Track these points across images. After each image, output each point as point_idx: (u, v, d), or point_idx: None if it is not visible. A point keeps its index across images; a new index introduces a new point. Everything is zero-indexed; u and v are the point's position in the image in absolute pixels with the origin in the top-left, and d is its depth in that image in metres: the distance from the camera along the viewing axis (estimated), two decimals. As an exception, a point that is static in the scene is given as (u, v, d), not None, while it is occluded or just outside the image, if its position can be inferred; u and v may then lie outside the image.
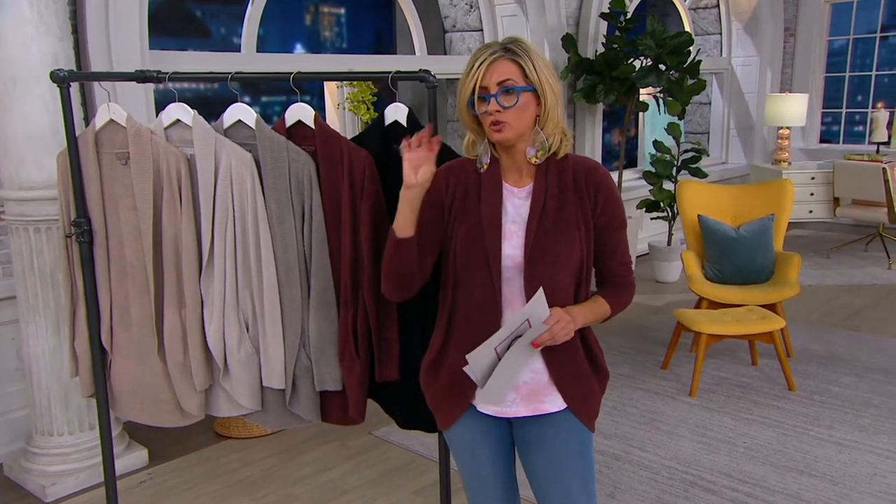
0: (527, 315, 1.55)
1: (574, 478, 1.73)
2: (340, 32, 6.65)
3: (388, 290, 1.78)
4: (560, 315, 1.57)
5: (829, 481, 2.90)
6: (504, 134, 1.62)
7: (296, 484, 3.07)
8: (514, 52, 1.61)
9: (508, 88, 1.59)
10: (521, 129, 1.63)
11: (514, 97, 1.60)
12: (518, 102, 1.60)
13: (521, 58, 1.60)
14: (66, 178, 2.22)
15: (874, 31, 7.75)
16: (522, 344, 1.57)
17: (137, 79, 2.17)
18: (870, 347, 4.30)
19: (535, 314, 1.55)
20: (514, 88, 1.59)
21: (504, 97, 1.59)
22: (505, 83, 1.59)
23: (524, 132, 1.65)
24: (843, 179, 6.16)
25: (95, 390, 2.33)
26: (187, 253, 2.15)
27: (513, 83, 1.59)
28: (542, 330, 1.56)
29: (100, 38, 3.34)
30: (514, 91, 1.59)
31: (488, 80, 1.59)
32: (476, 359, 1.58)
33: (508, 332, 1.56)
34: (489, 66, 1.59)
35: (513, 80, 1.59)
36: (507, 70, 1.59)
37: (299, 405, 2.21)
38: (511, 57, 1.60)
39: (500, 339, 1.57)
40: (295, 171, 2.08)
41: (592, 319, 1.69)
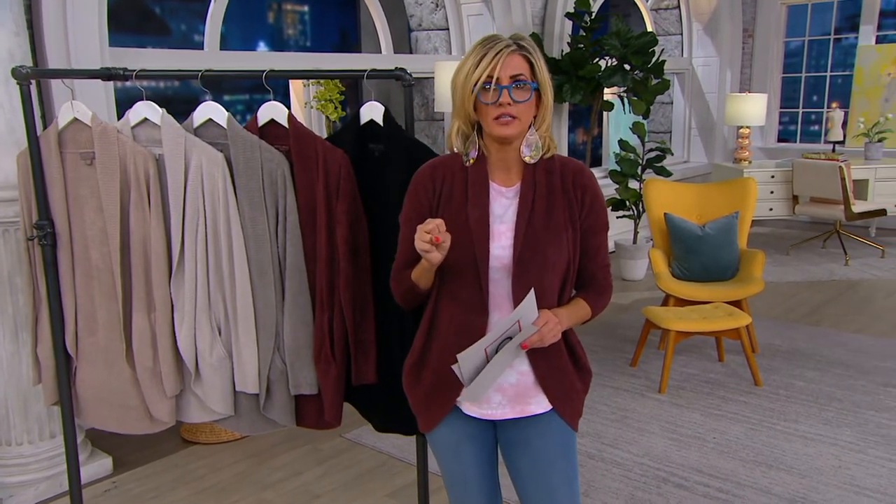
0: (518, 317, 1.54)
1: (558, 478, 1.72)
2: (304, 30, 6.57)
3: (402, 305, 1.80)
4: (549, 317, 1.56)
5: (796, 474, 2.95)
6: (510, 129, 1.60)
7: (267, 489, 3.02)
8: (526, 49, 1.60)
9: (521, 83, 1.58)
10: (524, 125, 1.62)
11: (528, 92, 1.59)
12: (530, 98, 1.59)
13: (532, 55, 1.60)
14: (27, 178, 2.15)
15: (828, 33, 7.94)
16: (512, 346, 1.56)
17: (103, 76, 2.10)
18: (830, 342, 4.39)
19: (526, 316, 1.54)
20: (528, 83, 1.58)
21: (517, 91, 1.58)
22: (518, 77, 1.58)
23: (525, 130, 1.64)
24: (802, 178, 6.29)
25: (60, 398, 2.26)
26: (156, 255, 2.10)
27: (525, 78, 1.58)
28: (531, 332, 1.55)
29: (57, 34, 3.23)
30: (528, 86, 1.59)
31: (503, 72, 1.56)
32: (466, 359, 1.56)
33: (499, 334, 1.55)
34: (505, 58, 1.56)
35: (525, 75, 1.58)
36: (519, 65, 1.58)
37: (273, 410, 2.16)
38: (523, 53, 1.59)
39: (491, 341, 1.56)
40: (268, 171, 2.04)
41: (575, 321, 1.69)
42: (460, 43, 5.61)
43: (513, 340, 1.55)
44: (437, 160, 1.76)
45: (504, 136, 1.61)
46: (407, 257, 1.74)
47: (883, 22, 7.44)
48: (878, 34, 7.40)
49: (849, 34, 7.83)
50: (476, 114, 1.63)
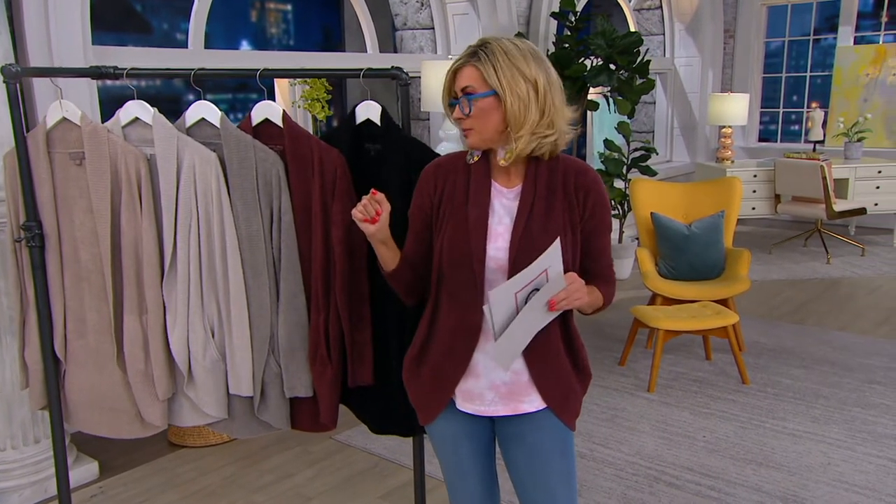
0: (545, 265, 1.50)
1: (555, 475, 1.72)
2: (287, 29, 6.52)
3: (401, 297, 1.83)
4: (575, 277, 1.56)
5: (786, 472, 2.97)
6: (470, 139, 1.63)
7: (257, 492, 2.99)
8: (477, 57, 1.59)
9: (469, 96, 1.59)
10: (486, 134, 1.62)
11: (468, 104, 1.60)
12: (472, 110, 1.59)
13: (482, 62, 1.58)
14: (14, 179, 2.10)
15: (808, 33, 8.03)
16: (540, 301, 1.52)
17: (94, 75, 2.06)
18: (815, 340, 4.43)
19: (553, 268, 1.51)
20: (473, 96, 1.59)
21: (465, 103, 1.60)
22: (466, 90, 1.59)
23: (492, 137, 1.63)
24: (784, 177, 6.35)
25: (48, 402, 2.21)
26: (148, 257, 2.06)
27: (472, 90, 1.59)
28: (559, 286, 1.52)
29: (39, 32, 3.17)
30: (472, 99, 1.59)
31: (456, 86, 1.61)
32: (497, 301, 1.50)
33: (528, 280, 1.51)
34: (456, 72, 1.61)
35: (473, 86, 1.59)
36: (469, 76, 1.59)
37: (268, 412, 2.14)
38: (474, 62, 1.59)
39: (521, 286, 1.51)
40: (263, 171, 2.01)
41: (592, 301, 1.67)
42: (445, 42, 5.59)
43: (540, 293, 1.51)
44: (442, 159, 1.77)
45: (469, 146, 1.66)
46: (407, 249, 1.77)
47: (861, 23, 7.53)
48: (856, 35, 7.49)
49: (827, 35, 7.93)
50: None
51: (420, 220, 1.75)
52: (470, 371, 1.69)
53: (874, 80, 7.16)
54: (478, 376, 1.69)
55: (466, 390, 1.71)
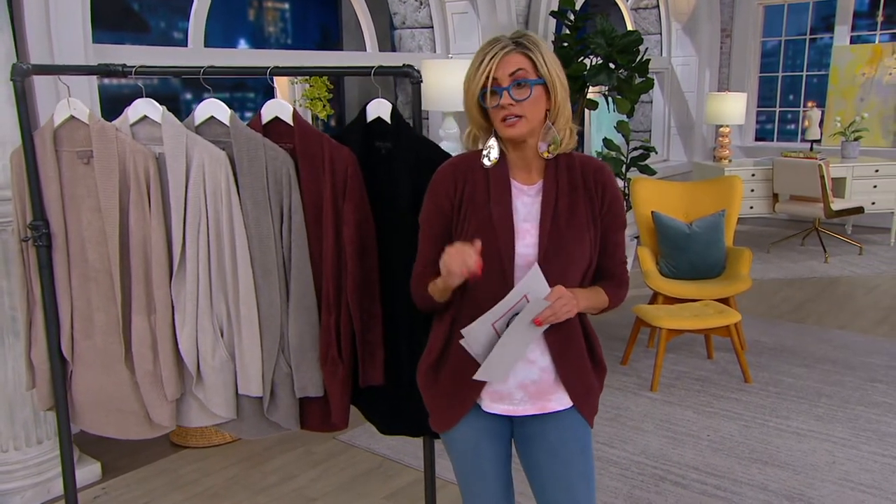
0: (523, 291, 1.52)
1: (576, 474, 1.72)
2: (285, 28, 6.49)
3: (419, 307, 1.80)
4: (561, 291, 1.55)
5: (791, 471, 2.97)
6: (517, 129, 1.59)
7: (261, 493, 2.97)
8: (525, 46, 1.58)
9: (521, 81, 1.56)
10: (533, 123, 1.60)
11: (528, 90, 1.57)
12: (531, 95, 1.57)
13: (532, 51, 1.57)
14: (21, 178, 2.08)
15: (804, 33, 8.05)
16: (523, 322, 1.53)
17: (102, 73, 2.05)
18: (816, 339, 4.44)
19: (533, 290, 1.52)
20: (527, 81, 1.56)
21: (516, 90, 1.56)
22: (516, 75, 1.56)
23: (536, 127, 1.62)
24: (782, 176, 6.36)
25: (55, 402, 2.19)
26: (157, 256, 2.04)
27: (525, 75, 1.56)
28: (541, 306, 1.52)
29: (40, 31, 3.14)
30: (527, 84, 1.56)
31: (500, 73, 1.56)
32: (472, 334, 1.54)
33: (506, 309, 1.52)
34: (501, 59, 1.55)
35: (524, 72, 1.56)
36: (518, 62, 1.56)
37: (277, 413, 2.12)
38: (522, 50, 1.57)
39: (497, 316, 1.53)
40: (273, 170, 1.99)
41: (593, 305, 1.68)
42: (444, 41, 5.58)
43: (520, 315, 1.52)
44: (456, 158, 1.75)
45: (511, 136, 1.60)
46: (427, 258, 1.73)
47: (857, 23, 7.56)
48: (852, 35, 7.52)
49: (824, 34, 7.95)
50: (486, 118, 1.64)
51: (440, 225, 1.70)
52: None
53: (870, 80, 7.19)
54: None
55: (495, 391, 1.70)
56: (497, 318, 1.54)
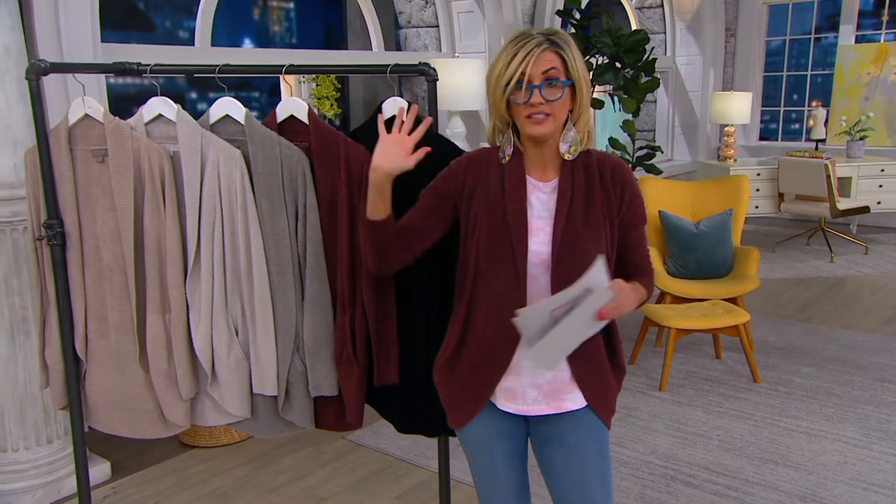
0: (587, 284, 1.49)
1: (592, 475, 1.71)
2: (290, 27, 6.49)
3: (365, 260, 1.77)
4: (622, 284, 1.54)
5: (803, 471, 2.96)
6: (543, 128, 1.57)
7: (271, 493, 2.96)
8: (558, 45, 1.56)
9: (553, 81, 1.55)
10: (559, 123, 1.60)
11: (560, 90, 1.56)
12: (562, 96, 1.56)
13: (565, 50, 1.56)
14: (35, 177, 2.07)
15: (809, 32, 8.04)
16: (586, 313, 1.50)
17: (117, 71, 2.04)
18: (823, 338, 4.44)
19: (597, 283, 1.49)
20: (560, 81, 1.55)
21: (548, 90, 1.55)
22: (549, 74, 1.54)
23: (560, 127, 1.61)
24: (788, 175, 6.35)
25: (69, 402, 2.19)
26: (172, 255, 2.03)
27: (557, 75, 1.55)
28: (606, 297, 1.50)
29: (49, 29, 3.13)
30: (560, 84, 1.55)
31: (534, 70, 1.54)
32: (527, 318, 1.50)
33: (567, 299, 1.49)
34: (537, 56, 1.53)
35: (557, 71, 1.55)
36: (551, 61, 1.55)
37: (292, 412, 2.11)
38: (555, 49, 1.56)
39: (557, 305, 1.50)
40: (288, 169, 1.99)
41: (638, 299, 1.67)
42: (450, 40, 5.57)
43: (584, 305, 1.49)
44: (475, 153, 1.75)
45: (536, 135, 1.59)
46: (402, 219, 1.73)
47: (862, 22, 7.55)
48: (857, 34, 7.51)
49: (828, 34, 7.94)
50: (509, 113, 1.62)
51: (433, 200, 1.70)
52: (511, 370, 1.67)
53: (875, 79, 7.18)
54: (519, 374, 1.67)
55: (508, 389, 1.69)
56: (556, 307, 1.51)
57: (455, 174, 1.70)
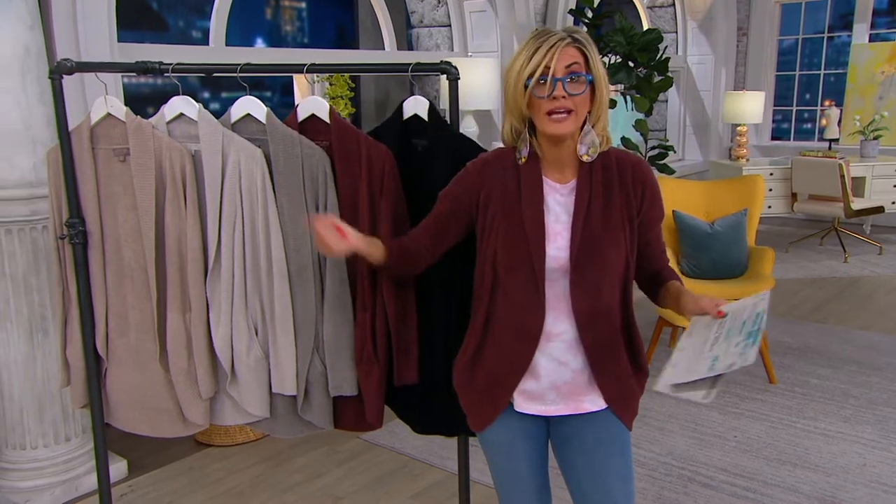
0: None
1: (614, 476, 1.69)
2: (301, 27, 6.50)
3: None
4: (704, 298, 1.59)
5: (822, 473, 2.94)
6: (564, 126, 1.54)
7: (287, 492, 2.97)
8: (580, 41, 1.54)
9: (577, 75, 1.53)
10: (580, 121, 1.57)
11: (583, 85, 1.54)
12: (585, 91, 1.54)
13: (586, 47, 1.54)
14: (57, 176, 2.08)
15: (822, 31, 8.00)
16: None
17: (140, 70, 2.04)
18: (839, 339, 4.41)
19: None
20: (583, 75, 1.53)
21: (571, 84, 1.53)
22: (572, 68, 1.52)
23: (580, 125, 1.58)
24: (801, 175, 6.32)
25: (89, 400, 2.19)
26: (192, 254, 2.03)
27: (580, 69, 1.53)
28: None
29: (67, 29, 3.14)
30: (583, 78, 1.53)
31: (557, 64, 1.51)
32: None
33: None
34: (560, 50, 1.51)
35: (580, 65, 1.53)
36: (574, 55, 1.53)
37: (311, 412, 2.11)
38: (577, 45, 1.54)
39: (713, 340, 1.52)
40: (309, 168, 1.98)
41: None
42: (462, 40, 5.57)
43: None
44: (490, 155, 1.73)
45: (557, 134, 1.56)
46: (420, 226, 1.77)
47: (876, 21, 7.50)
48: (871, 32, 7.46)
49: (841, 32, 7.90)
50: (529, 110, 1.58)
51: (450, 205, 1.70)
52: (530, 373, 1.66)
53: (890, 78, 7.13)
54: (538, 377, 1.66)
55: (527, 391, 1.68)
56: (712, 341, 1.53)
57: (470, 177, 1.69)
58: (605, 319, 1.63)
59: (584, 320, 1.61)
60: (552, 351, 1.63)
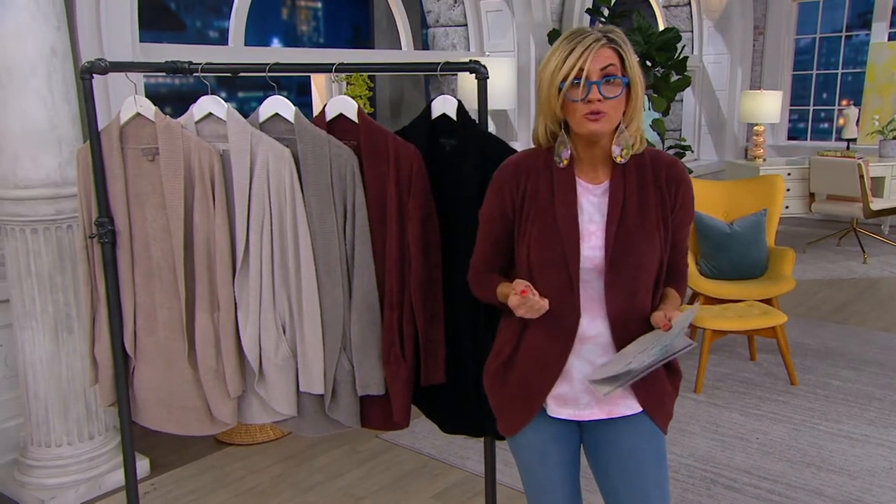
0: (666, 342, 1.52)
1: (649, 481, 1.68)
2: (317, 27, 6.51)
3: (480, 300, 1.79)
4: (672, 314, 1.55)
5: (847, 476, 2.92)
6: (600, 125, 1.52)
7: (308, 491, 2.97)
8: (616, 42, 1.52)
9: (612, 77, 1.50)
10: (615, 122, 1.55)
11: (619, 87, 1.51)
12: (621, 93, 1.52)
13: (622, 47, 1.52)
14: (87, 175, 2.09)
15: (839, 30, 7.94)
16: None
17: (169, 70, 2.05)
18: (860, 340, 4.38)
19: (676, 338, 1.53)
20: (618, 78, 1.51)
21: (607, 87, 1.50)
22: (608, 70, 1.50)
23: (614, 126, 1.56)
24: (820, 175, 6.28)
25: (117, 398, 2.20)
26: (221, 254, 2.04)
27: (615, 72, 1.51)
28: None
29: (91, 29, 3.16)
30: (619, 81, 1.51)
31: (593, 66, 1.49)
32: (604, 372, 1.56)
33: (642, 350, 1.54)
34: (595, 51, 1.49)
35: (615, 68, 1.51)
36: (610, 58, 1.50)
37: (339, 410, 2.11)
38: (613, 45, 1.52)
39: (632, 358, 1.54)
40: (337, 167, 1.98)
41: None
42: (479, 39, 5.56)
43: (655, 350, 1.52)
44: (519, 157, 1.70)
45: (593, 131, 1.53)
46: (485, 257, 1.72)
47: (895, 19, 7.44)
48: (890, 31, 7.40)
49: (859, 31, 7.84)
50: (563, 112, 1.56)
51: (501, 226, 1.67)
52: (563, 376, 1.64)
53: (909, 78, 7.07)
54: (571, 381, 1.64)
55: (560, 395, 1.66)
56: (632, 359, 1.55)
57: (507, 185, 1.65)
58: (640, 321, 1.61)
59: (619, 322, 1.60)
60: (586, 353, 1.62)
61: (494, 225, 1.68)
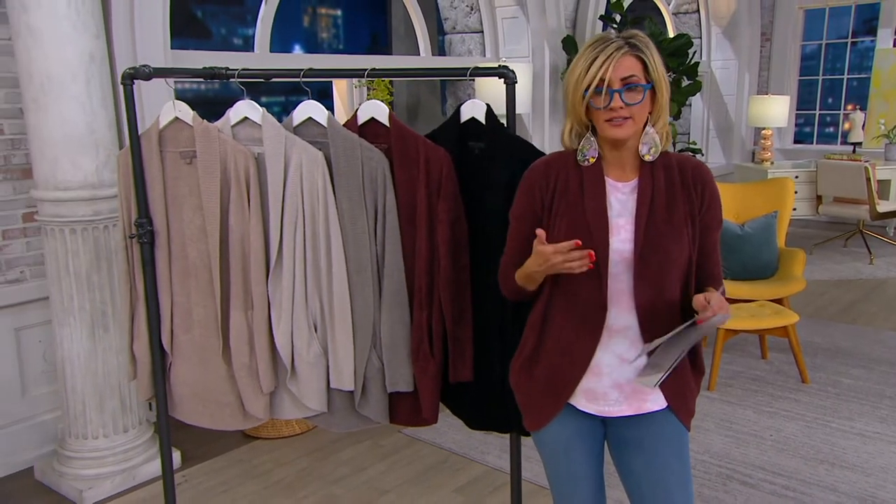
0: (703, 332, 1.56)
1: (673, 479, 1.70)
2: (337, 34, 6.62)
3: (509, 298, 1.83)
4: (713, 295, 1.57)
5: (861, 473, 2.98)
6: (623, 131, 1.58)
7: (334, 484, 3.05)
8: (638, 47, 1.57)
9: (633, 86, 1.55)
10: (639, 126, 1.60)
11: (640, 95, 1.56)
12: (643, 100, 1.57)
13: (645, 53, 1.57)
14: (127, 178, 2.17)
15: (845, 36, 8.01)
16: None
17: (207, 76, 2.13)
18: (870, 340, 4.44)
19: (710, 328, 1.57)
20: (640, 85, 1.56)
21: (628, 94, 1.55)
22: (629, 79, 1.55)
23: (639, 129, 1.62)
24: (827, 178, 6.35)
25: (154, 393, 2.29)
26: (255, 254, 2.12)
27: (637, 80, 1.56)
28: None
29: (125, 36, 3.25)
30: (641, 88, 1.56)
31: (614, 75, 1.54)
32: None
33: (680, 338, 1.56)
34: (617, 61, 1.54)
35: (637, 76, 1.56)
36: (631, 66, 1.55)
37: (368, 407, 2.18)
38: (635, 52, 1.56)
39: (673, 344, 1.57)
40: (368, 170, 2.06)
41: None
42: (494, 46, 5.65)
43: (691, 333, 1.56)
44: (550, 157, 1.75)
45: (616, 137, 1.60)
46: (515, 254, 1.75)
47: (900, 25, 7.50)
48: (895, 38, 7.46)
49: (865, 38, 7.90)
50: (588, 116, 1.62)
51: (531, 225, 1.69)
52: (591, 370, 1.67)
53: (915, 82, 7.13)
54: (600, 375, 1.67)
55: (589, 389, 1.69)
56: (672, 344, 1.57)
57: (538, 184, 1.70)
58: (668, 315, 1.64)
59: (647, 315, 1.63)
60: (614, 347, 1.65)
61: (524, 223, 1.72)
